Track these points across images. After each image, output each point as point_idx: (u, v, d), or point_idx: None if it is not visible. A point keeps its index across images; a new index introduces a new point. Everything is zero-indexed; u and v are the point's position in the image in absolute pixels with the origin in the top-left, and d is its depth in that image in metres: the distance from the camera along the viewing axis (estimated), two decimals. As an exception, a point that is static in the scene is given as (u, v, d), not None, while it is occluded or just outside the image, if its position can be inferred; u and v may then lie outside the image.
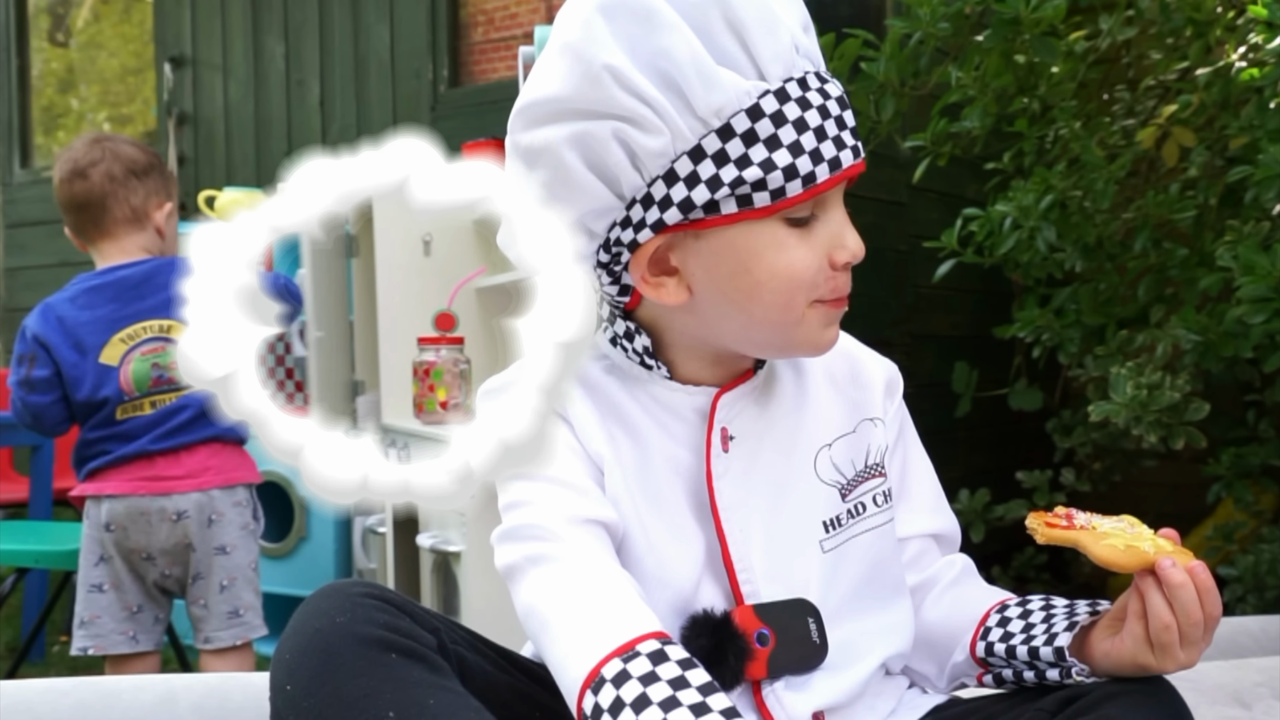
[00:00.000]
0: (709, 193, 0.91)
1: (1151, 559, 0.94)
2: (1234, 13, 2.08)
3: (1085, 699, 0.92)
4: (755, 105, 0.91)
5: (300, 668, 0.87)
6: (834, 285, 0.96)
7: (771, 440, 1.02)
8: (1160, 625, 0.92)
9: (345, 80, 4.20)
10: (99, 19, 5.42)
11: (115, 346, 2.17)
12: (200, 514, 2.15)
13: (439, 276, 2.87)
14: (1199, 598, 0.91)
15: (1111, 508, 1.10)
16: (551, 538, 0.94)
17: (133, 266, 2.22)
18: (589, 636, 0.88)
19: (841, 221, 0.96)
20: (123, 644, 2.16)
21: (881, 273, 3.15)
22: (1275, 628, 1.71)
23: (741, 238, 0.94)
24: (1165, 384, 1.88)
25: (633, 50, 0.90)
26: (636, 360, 1.02)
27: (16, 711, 1.19)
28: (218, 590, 2.17)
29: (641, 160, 0.92)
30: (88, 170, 2.21)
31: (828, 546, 1.02)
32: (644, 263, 0.96)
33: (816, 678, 0.99)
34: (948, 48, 2.15)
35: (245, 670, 2.18)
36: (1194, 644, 0.92)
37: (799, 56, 0.93)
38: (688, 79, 0.89)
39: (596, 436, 0.99)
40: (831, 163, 0.92)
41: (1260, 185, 1.82)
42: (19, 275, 5.18)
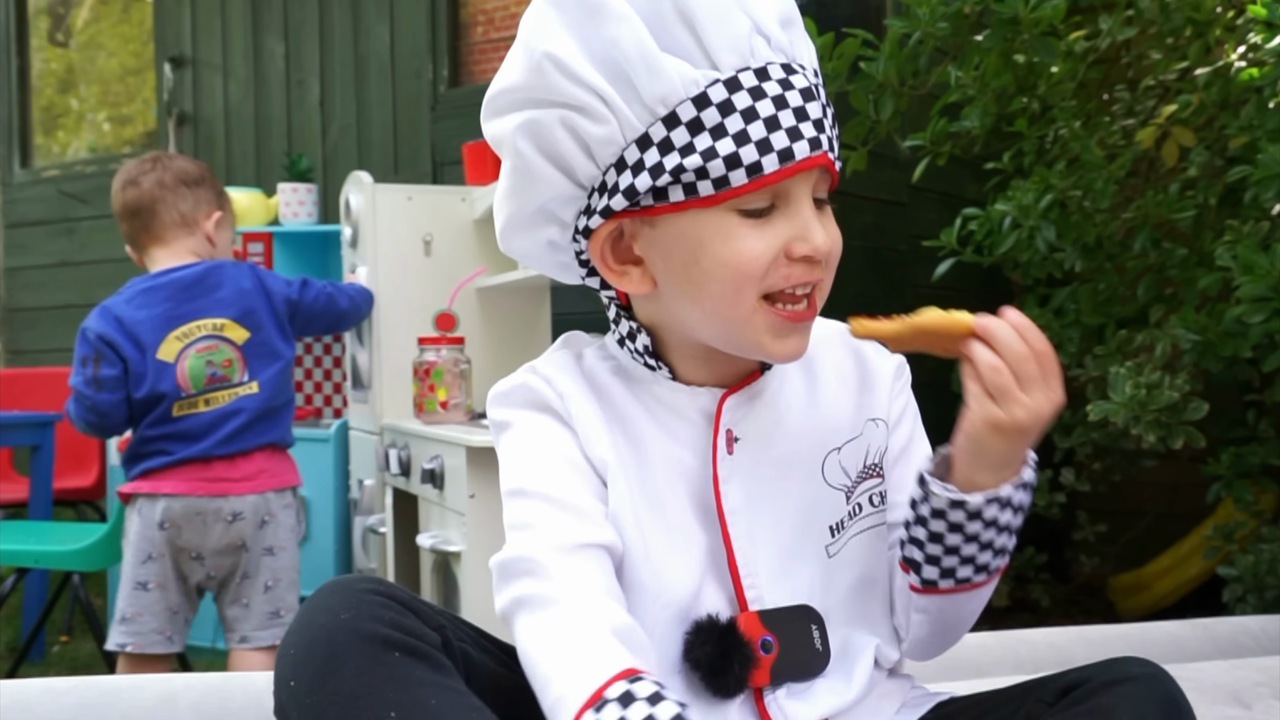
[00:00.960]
0: (652, 180, 0.92)
1: (970, 320, 0.94)
2: (1233, 12, 2.08)
3: (1082, 688, 0.91)
4: (703, 94, 0.91)
5: (304, 664, 0.86)
6: (786, 275, 0.93)
7: (779, 443, 1.01)
8: (989, 368, 0.91)
9: (345, 80, 4.20)
10: (99, 19, 5.42)
11: (171, 344, 2.24)
12: (255, 515, 2.24)
13: (439, 276, 2.87)
14: (1021, 336, 0.92)
15: (1112, 508, 1.10)
16: (541, 574, 0.92)
17: (186, 268, 2.30)
18: (565, 689, 0.86)
19: (809, 216, 0.93)
20: (159, 644, 2.21)
21: (881, 273, 3.15)
22: (1275, 628, 1.71)
23: (691, 227, 0.94)
24: (1164, 383, 1.88)
25: (581, 40, 0.92)
26: (640, 361, 1.01)
27: (16, 711, 1.19)
28: (262, 590, 2.26)
29: (593, 148, 0.93)
30: (139, 179, 2.33)
31: (832, 551, 1.01)
32: (599, 248, 0.97)
33: (818, 685, 0.99)
34: (947, 47, 2.15)
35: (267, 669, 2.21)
36: (1032, 381, 0.91)
37: (769, 48, 0.93)
38: (634, 68, 0.90)
39: (601, 442, 0.98)
40: (782, 154, 0.90)
41: (1259, 185, 1.82)
42: (19, 275, 5.18)
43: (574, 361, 1.04)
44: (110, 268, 4.82)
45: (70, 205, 4.97)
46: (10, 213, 5.21)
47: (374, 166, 4.06)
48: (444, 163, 3.93)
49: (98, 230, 4.90)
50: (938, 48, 2.13)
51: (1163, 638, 1.66)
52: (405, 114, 4.06)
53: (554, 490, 0.96)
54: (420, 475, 2.43)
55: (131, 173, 2.34)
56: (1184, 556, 3.05)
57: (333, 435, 3.15)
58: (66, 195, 4.99)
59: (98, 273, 4.87)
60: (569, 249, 1.01)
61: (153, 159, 2.38)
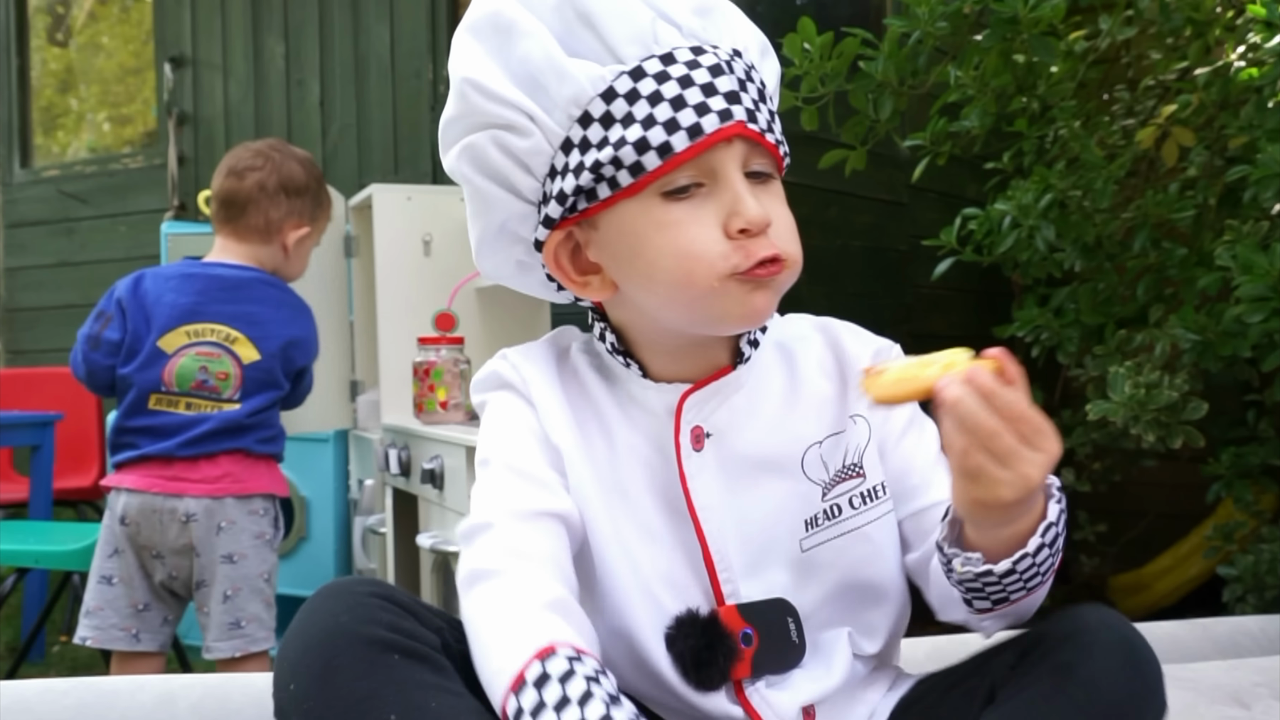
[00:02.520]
0: (576, 180, 0.95)
1: (928, 384, 0.85)
2: (1233, 12, 2.08)
3: (1041, 646, 0.91)
4: (609, 88, 0.93)
5: (303, 667, 0.86)
6: (746, 252, 0.93)
7: (753, 436, 1.01)
8: (957, 451, 0.84)
9: (345, 80, 4.20)
10: (98, 19, 5.42)
11: (177, 336, 2.21)
12: (209, 519, 2.15)
13: (439, 276, 2.87)
14: (989, 402, 0.83)
15: (1112, 508, 1.10)
16: (493, 539, 0.95)
17: (235, 269, 2.27)
18: (495, 667, 0.87)
19: (739, 190, 0.93)
20: (122, 640, 2.16)
21: (881, 273, 3.15)
22: (1274, 628, 1.71)
23: (626, 220, 0.96)
24: (1164, 383, 1.88)
25: (500, 61, 0.95)
26: (613, 358, 1.03)
27: (15, 711, 1.19)
28: (220, 599, 2.16)
29: (526, 162, 0.97)
30: (244, 173, 2.30)
31: (806, 545, 1.01)
32: (553, 260, 1.00)
33: (796, 675, 1.00)
34: (946, 47, 2.15)
35: None
36: (1011, 454, 0.83)
37: (679, 35, 0.95)
38: (546, 77, 0.94)
39: (559, 425, 1.00)
40: (690, 129, 0.92)
41: (1259, 185, 1.82)
42: (19, 275, 5.18)
43: (549, 351, 1.06)
44: (110, 268, 4.82)
45: (70, 205, 4.97)
46: (10, 213, 5.21)
47: (374, 166, 4.06)
48: (444, 163, 3.92)
49: (98, 230, 4.90)
50: (937, 47, 2.13)
51: (1162, 638, 1.66)
52: (405, 114, 4.06)
53: (515, 459, 0.99)
54: (420, 475, 2.43)
55: (242, 163, 2.31)
56: (1184, 556, 3.05)
57: (333, 435, 3.15)
58: (66, 195, 4.99)
59: (98, 273, 4.87)
60: (538, 266, 1.03)
61: (267, 153, 2.34)
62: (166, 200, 4.51)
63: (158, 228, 3.63)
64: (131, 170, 4.86)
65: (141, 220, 4.68)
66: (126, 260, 4.76)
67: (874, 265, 3.14)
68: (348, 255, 3.18)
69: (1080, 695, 0.86)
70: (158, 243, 3.49)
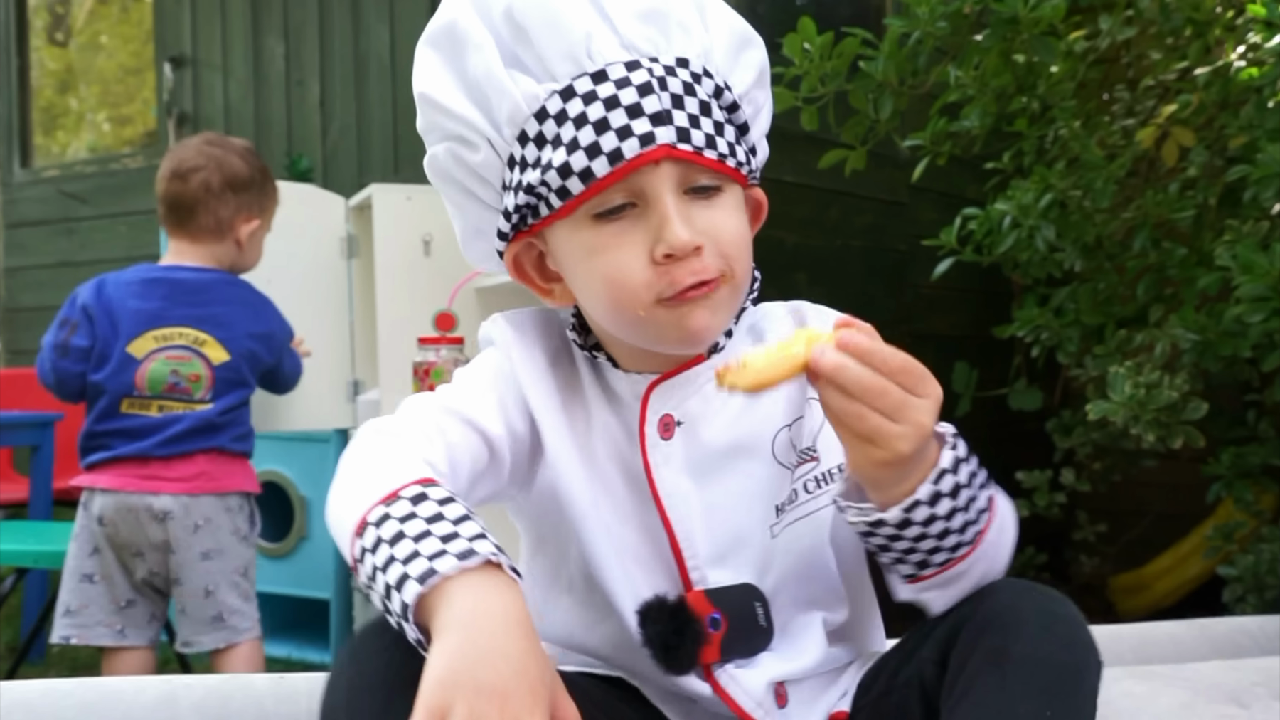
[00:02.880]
0: (515, 198, 0.96)
1: (804, 358, 0.84)
2: (1233, 12, 2.08)
3: (965, 634, 0.91)
4: (542, 108, 0.93)
5: (358, 710, 0.84)
6: (670, 279, 0.92)
7: (724, 423, 1.01)
8: (852, 416, 0.84)
9: (345, 80, 4.20)
10: (98, 19, 5.42)
11: (146, 341, 2.23)
12: (186, 517, 2.17)
13: (439, 276, 2.87)
14: (867, 364, 0.84)
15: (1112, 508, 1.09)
16: (409, 416, 0.96)
17: (196, 272, 2.29)
18: (361, 492, 0.88)
19: (667, 212, 0.91)
20: (107, 636, 2.18)
21: (881, 273, 3.15)
22: (1274, 627, 1.72)
23: (564, 241, 0.97)
24: (1164, 383, 1.88)
25: (455, 73, 0.96)
26: (583, 348, 1.04)
27: (18, 712, 1.19)
28: (202, 595, 2.19)
29: (481, 174, 0.98)
30: (188, 175, 2.30)
31: (775, 531, 1.02)
32: (515, 269, 1.02)
33: (765, 656, 1.01)
34: (946, 47, 2.15)
35: (252, 669, 2.22)
36: (901, 405, 0.84)
37: (617, 47, 0.93)
38: (489, 93, 0.94)
39: (539, 393, 1.00)
40: (611, 155, 0.90)
41: (1259, 184, 1.82)
42: (19, 275, 5.18)
43: (545, 322, 1.07)
44: (110, 267, 4.80)
45: (70, 205, 4.97)
46: (10, 213, 5.21)
47: (374, 166, 4.06)
48: (444, 163, 3.92)
49: (98, 230, 4.90)
50: (937, 47, 2.13)
51: (1161, 638, 1.66)
52: (405, 114, 4.06)
53: (477, 381, 1.00)
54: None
55: (183, 164, 2.31)
56: (1184, 556, 3.05)
57: (333, 435, 3.15)
58: (66, 195, 4.99)
59: (97, 273, 4.85)
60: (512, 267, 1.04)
61: (208, 146, 2.34)
62: (166, 200, 4.50)
63: (157, 228, 3.61)
64: (131, 170, 4.86)
65: (141, 220, 4.68)
66: (126, 260, 4.73)
67: (874, 265, 3.14)
68: (348, 255, 3.18)
69: (1024, 674, 0.86)
70: (157, 243, 3.49)
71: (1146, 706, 1.37)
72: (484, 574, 0.79)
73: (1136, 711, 1.36)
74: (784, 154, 2.80)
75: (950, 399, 2.73)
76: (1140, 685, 1.42)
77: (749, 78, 1.00)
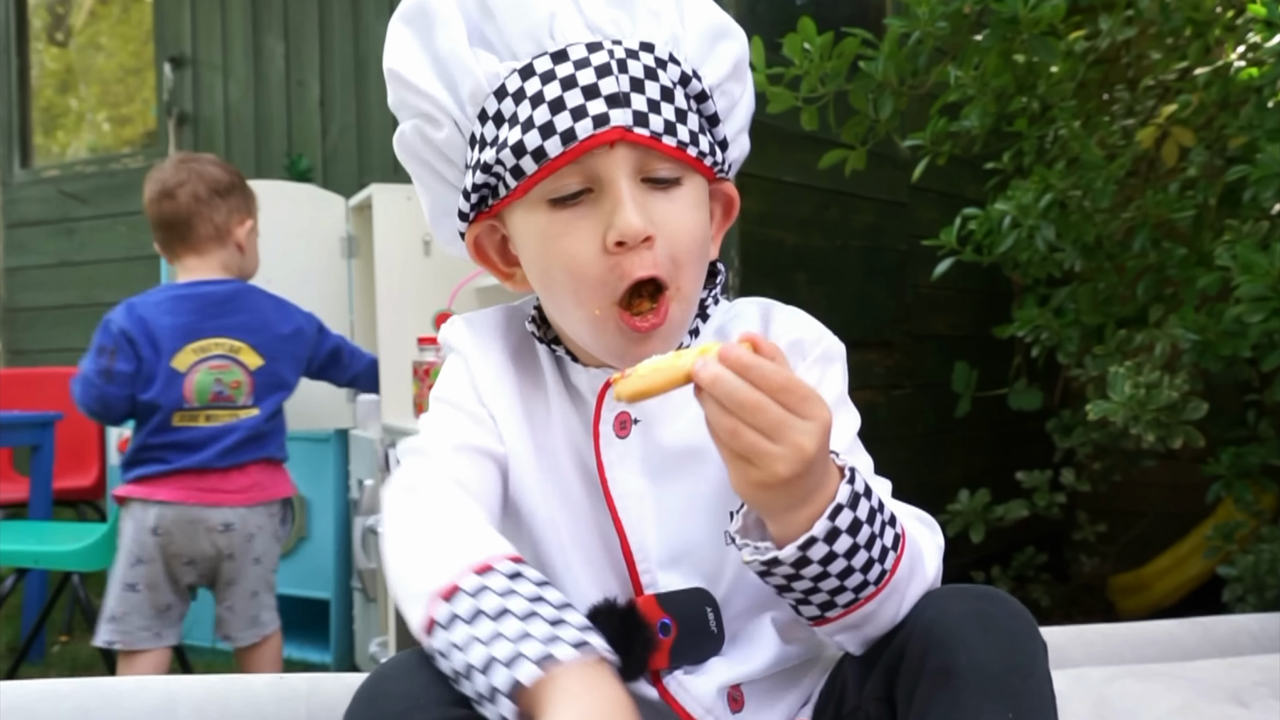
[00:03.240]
0: (471, 177, 0.95)
1: (687, 369, 0.81)
2: (1233, 12, 2.08)
3: (906, 661, 0.89)
4: (501, 86, 0.92)
5: None
6: (621, 271, 0.90)
7: (682, 425, 0.99)
8: (726, 432, 0.81)
9: (345, 80, 4.20)
10: (98, 19, 5.41)
11: (187, 355, 2.33)
12: (244, 527, 2.32)
13: (439, 276, 2.87)
14: (745, 378, 0.80)
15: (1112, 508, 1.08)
16: (424, 461, 0.96)
17: (219, 284, 2.39)
18: (443, 555, 0.86)
19: (622, 197, 0.90)
20: (147, 640, 2.30)
21: (881, 273, 3.15)
22: (1274, 626, 1.71)
23: (520, 224, 0.96)
24: (1164, 383, 1.88)
25: (425, 50, 0.95)
26: (541, 342, 1.03)
27: (16, 713, 1.19)
28: (248, 596, 2.36)
29: (445, 152, 0.97)
30: (175, 191, 2.39)
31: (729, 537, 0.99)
32: (475, 251, 1.01)
33: (715, 661, 0.99)
34: (946, 47, 2.14)
35: (276, 658, 2.44)
36: (780, 424, 0.80)
37: (581, 28, 0.93)
38: (453, 70, 0.93)
39: (495, 391, 1.00)
40: (564, 135, 0.89)
41: (1259, 184, 1.82)
42: (19, 275, 5.18)
43: (503, 318, 1.06)
44: (110, 268, 4.82)
45: (70, 205, 4.97)
46: (10, 213, 5.21)
47: (374, 166, 4.06)
48: (444, 163, 3.92)
49: (98, 230, 4.90)
50: (937, 47, 2.13)
51: (1161, 637, 1.66)
52: (405, 114, 4.06)
53: (457, 398, 1.00)
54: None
55: (167, 183, 2.40)
56: (1184, 556, 3.05)
57: (333, 435, 3.15)
58: (66, 195, 4.99)
59: (98, 273, 4.87)
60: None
61: (184, 164, 2.43)
62: (166, 200, 4.50)
63: (158, 228, 3.62)
64: (131, 170, 4.85)
65: (141, 220, 4.64)
66: (126, 260, 4.76)
67: (874, 265, 3.14)
68: (348, 255, 3.18)
69: (974, 686, 0.84)
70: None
71: (1146, 706, 1.37)
72: (596, 667, 0.79)
73: (1136, 711, 1.36)
74: (784, 154, 2.80)
75: (950, 399, 2.73)
76: (1140, 684, 1.42)
77: (723, 69, 0.98)
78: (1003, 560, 3.14)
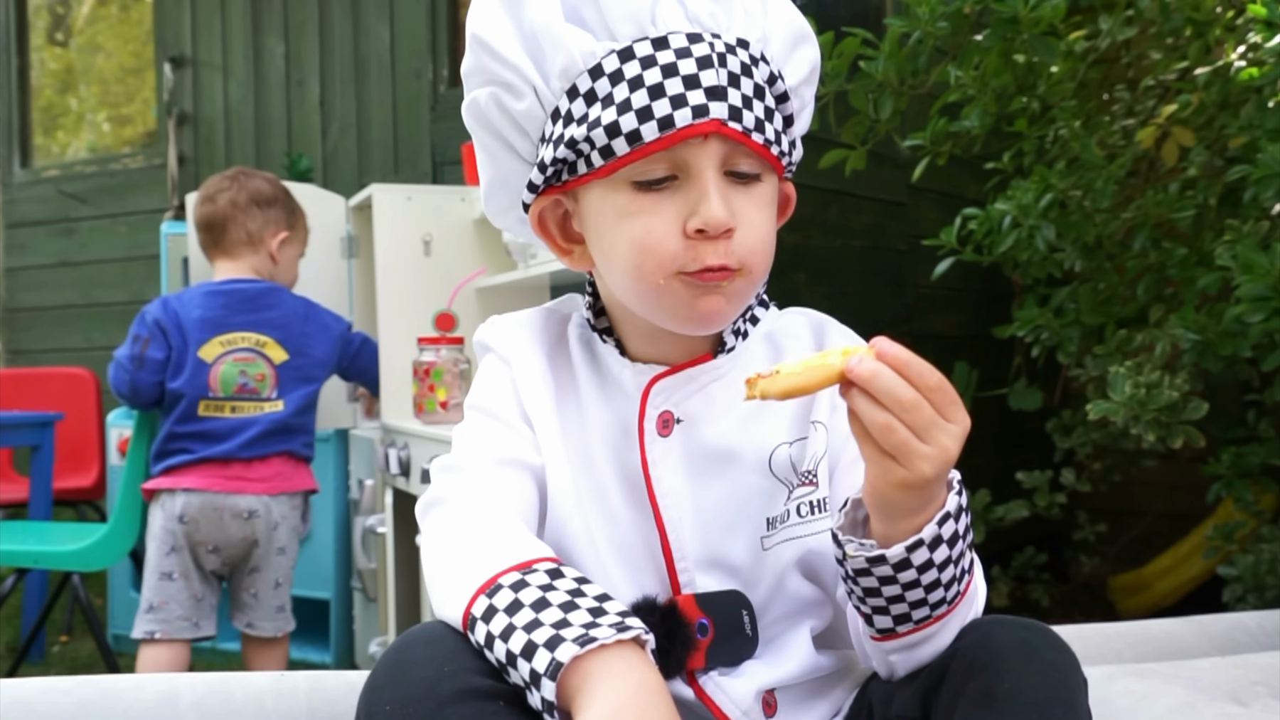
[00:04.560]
0: (554, 152, 0.95)
1: (839, 368, 0.83)
2: (1233, 12, 2.08)
3: (949, 680, 0.89)
4: (598, 65, 0.92)
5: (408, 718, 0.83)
6: (695, 255, 0.92)
7: (726, 426, 1.00)
8: (880, 428, 0.81)
9: (345, 80, 4.20)
10: (98, 19, 5.41)
11: (214, 346, 2.44)
12: (268, 515, 2.40)
13: (439, 276, 2.87)
14: (903, 375, 0.81)
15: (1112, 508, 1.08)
16: (463, 476, 0.97)
17: (249, 283, 2.51)
18: (483, 556, 0.88)
19: (708, 188, 0.91)
20: (186, 630, 2.37)
21: (881, 273, 3.15)
22: (1273, 624, 1.71)
23: (597, 200, 0.96)
24: (1164, 383, 1.88)
25: (512, 19, 0.95)
26: (594, 330, 1.04)
27: (17, 710, 1.19)
28: (272, 586, 2.44)
29: (522, 124, 0.97)
30: (215, 196, 2.55)
31: (767, 544, 1.00)
32: (537, 224, 1.01)
33: (750, 664, 0.99)
34: (947, 47, 2.15)
35: (283, 660, 2.49)
36: (930, 425, 0.81)
37: (682, 18, 0.93)
38: (545, 43, 0.93)
39: (535, 395, 1.01)
40: (662, 121, 0.90)
41: (1259, 184, 1.82)
42: (19, 275, 5.18)
43: (541, 320, 1.07)
44: (110, 268, 4.82)
45: (70, 205, 4.97)
46: (10, 213, 5.21)
47: (374, 166, 4.06)
48: (444, 163, 3.93)
49: (98, 230, 4.90)
50: (937, 47, 2.13)
51: (1160, 636, 1.66)
52: (405, 114, 4.06)
53: (496, 407, 1.01)
54: (420, 475, 2.43)
55: (211, 189, 2.56)
56: (1184, 556, 3.05)
57: (333, 435, 3.15)
58: (66, 195, 4.99)
59: (98, 273, 4.87)
60: (533, 220, 1.03)
61: (233, 176, 2.58)
62: (166, 200, 4.51)
63: (158, 228, 3.63)
64: (131, 170, 4.86)
65: (141, 220, 4.68)
66: (126, 260, 4.77)
67: (874, 265, 3.14)
68: (348, 255, 3.18)
69: (1017, 710, 0.84)
70: (158, 243, 3.49)
71: (1146, 705, 1.37)
72: (634, 650, 0.81)
73: (1136, 710, 1.36)
74: (784, 154, 2.80)
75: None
76: (1139, 684, 1.42)
77: (802, 72, 1.00)
78: (1003, 560, 3.14)
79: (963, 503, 0.89)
